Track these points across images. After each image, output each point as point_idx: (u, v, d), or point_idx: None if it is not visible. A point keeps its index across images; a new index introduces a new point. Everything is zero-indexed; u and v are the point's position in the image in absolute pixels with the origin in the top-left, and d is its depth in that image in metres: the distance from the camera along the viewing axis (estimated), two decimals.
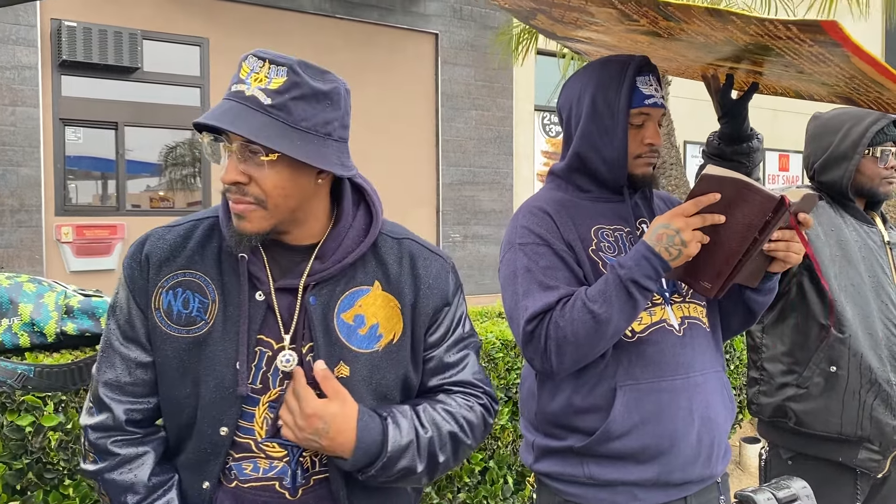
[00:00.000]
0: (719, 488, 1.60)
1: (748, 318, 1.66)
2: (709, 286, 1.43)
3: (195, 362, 1.20)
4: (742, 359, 4.07)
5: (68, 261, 6.64)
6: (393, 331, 1.27)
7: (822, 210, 2.06)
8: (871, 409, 1.93)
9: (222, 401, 1.20)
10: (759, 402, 2.10)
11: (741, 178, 1.36)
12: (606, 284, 1.40)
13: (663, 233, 1.38)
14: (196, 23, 7.23)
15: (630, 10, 1.33)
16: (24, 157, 6.39)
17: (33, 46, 6.42)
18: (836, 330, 1.94)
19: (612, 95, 1.53)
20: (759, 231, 1.34)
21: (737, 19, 1.22)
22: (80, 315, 2.12)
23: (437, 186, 8.74)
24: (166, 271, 1.23)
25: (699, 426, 1.50)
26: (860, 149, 2.04)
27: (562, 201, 1.59)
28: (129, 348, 1.24)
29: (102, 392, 1.23)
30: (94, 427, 1.23)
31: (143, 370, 1.24)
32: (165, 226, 1.28)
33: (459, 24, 8.81)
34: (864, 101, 1.61)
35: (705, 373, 1.54)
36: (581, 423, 1.51)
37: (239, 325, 1.20)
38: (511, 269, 1.53)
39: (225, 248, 1.23)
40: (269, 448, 1.22)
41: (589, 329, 1.39)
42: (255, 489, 1.23)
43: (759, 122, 1.72)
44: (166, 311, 1.22)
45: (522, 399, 1.69)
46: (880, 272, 2.02)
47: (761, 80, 1.70)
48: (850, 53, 1.23)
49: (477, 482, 2.94)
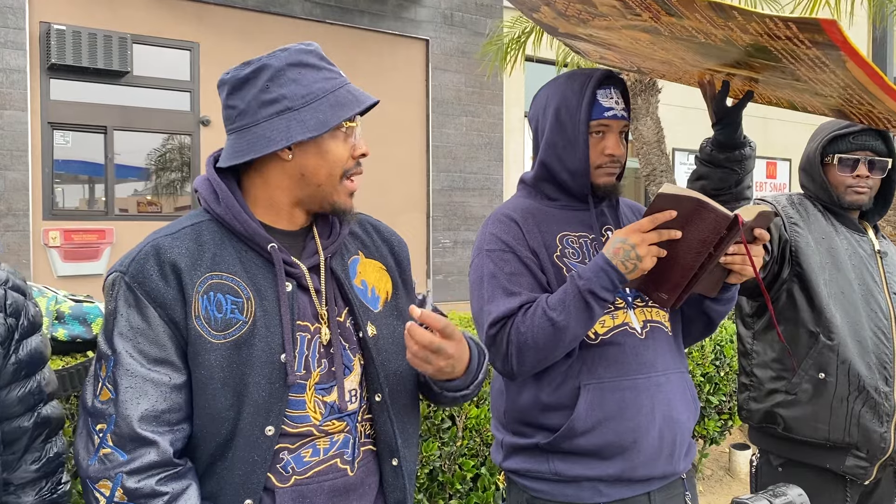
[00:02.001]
0: (684, 484, 1.66)
1: (708, 326, 1.75)
2: (665, 297, 1.53)
3: (239, 366, 1.16)
4: (732, 365, 4.10)
5: (56, 265, 6.59)
6: (385, 290, 1.38)
7: (814, 218, 2.08)
8: (859, 416, 1.94)
9: (270, 397, 1.17)
10: (749, 407, 2.12)
11: (697, 197, 1.42)
12: (565, 294, 1.47)
13: (620, 247, 1.46)
14: (186, 27, 7.21)
15: (633, 3, 1.34)
16: (11, 160, 6.35)
17: (22, 50, 6.38)
18: (824, 337, 1.95)
19: (574, 107, 1.61)
20: (713, 247, 1.42)
21: (738, 15, 1.23)
22: (71, 321, 2.10)
23: (427, 192, 8.74)
24: (197, 276, 1.18)
25: (661, 424, 1.56)
26: (816, 157, 2.08)
27: (529, 209, 1.66)
28: (159, 372, 1.14)
29: (141, 428, 1.11)
30: (132, 471, 1.09)
31: (178, 393, 1.15)
32: (165, 235, 1.22)
33: (450, 30, 8.84)
34: (855, 115, 1.62)
35: (668, 373, 1.61)
36: (547, 421, 1.57)
37: (280, 316, 1.20)
38: (478, 275, 1.61)
39: (239, 246, 1.23)
40: (329, 426, 1.24)
41: (548, 335, 1.46)
42: (317, 475, 1.23)
43: (749, 130, 1.74)
44: (206, 317, 1.16)
45: (493, 398, 1.74)
46: (870, 280, 2.03)
47: (757, 89, 1.71)
48: (846, 57, 1.24)
49: (469, 489, 2.94)
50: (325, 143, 1.22)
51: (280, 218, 1.28)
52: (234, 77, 1.22)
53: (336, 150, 1.24)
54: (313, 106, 1.20)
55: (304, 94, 1.20)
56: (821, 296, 1.97)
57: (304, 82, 1.20)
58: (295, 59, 1.22)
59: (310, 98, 1.20)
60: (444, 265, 8.79)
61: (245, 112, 1.21)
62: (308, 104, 1.20)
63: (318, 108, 1.20)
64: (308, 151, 1.22)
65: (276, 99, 1.19)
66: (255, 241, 1.22)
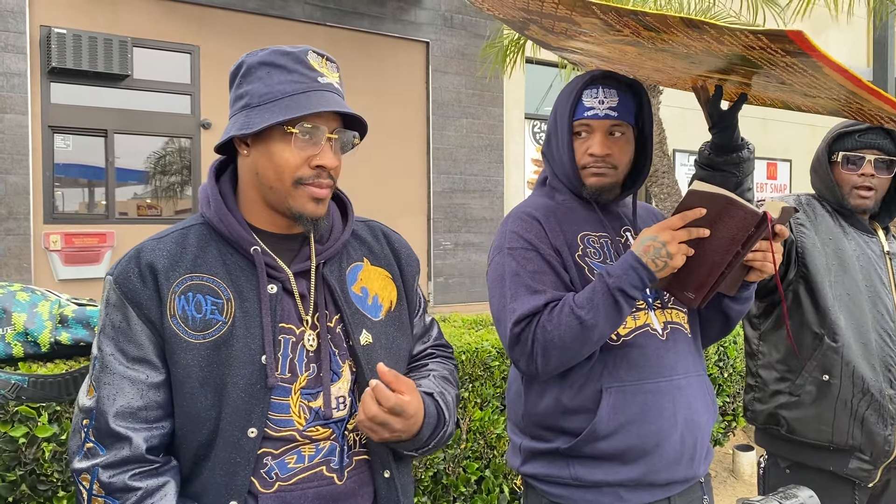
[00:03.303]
0: (703, 488, 1.66)
1: (725, 326, 1.73)
2: (692, 296, 1.51)
3: (218, 366, 1.18)
4: (735, 367, 4.09)
5: (57, 269, 6.58)
6: (389, 299, 1.38)
7: (821, 219, 2.07)
8: (863, 418, 1.93)
9: (251, 399, 1.18)
10: (754, 408, 2.11)
11: (726, 194, 1.42)
12: (594, 292, 1.45)
13: (650, 245, 1.44)
14: (187, 30, 7.21)
15: (612, 21, 1.35)
16: (12, 164, 6.34)
17: (22, 53, 6.38)
18: (829, 339, 1.94)
19: (563, 110, 1.63)
20: (741, 244, 1.42)
21: (710, 29, 1.24)
22: (74, 324, 2.09)
23: (427, 194, 8.73)
24: (174, 277, 1.20)
25: (682, 427, 1.55)
26: (824, 156, 2.07)
27: (550, 207, 1.65)
28: (136, 370, 1.17)
29: (115, 423, 1.14)
30: (106, 465, 1.13)
31: (156, 391, 1.18)
32: (152, 238, 1.26)
33: (450, 32, 8.83)
34: (848, 113, 1.63)
35: (688, 376, 1.60)
36: (567, 425, 1.55)
37: (260, 317, 1.20)
38: (499, 273, 1.58)
39: (224, 249, 1.24)
40: (313, 432, 1.23)
41: (575, 333, 1.44)
42: (301, 482, 1.22)
43: (749, 131, 1.74)
44: (182, 317, 1.18)
45: (510, 401, 1.72)
46: (878, 282, 2.02)
47: (750, 92, 1.71)
48: (820, 64, 1.25)
49: (473, 491, 2.93)
50: (272, 146, 1.21)
51: (266, 220, 1.28)
52: (230, 74, 1.29)
53: (282, 154, 1.21)
54: (267, 106, 1.20)
55: (263, 94, 1.21)
56: (826, 297, 1.96)
57: (269, 82, 1.21)
58: (267, 59, 1.23)
59: (268, 98, 1.20)
60: (445, 267, 8.77)
61: (230, 105, 1.27)
62: (264, 104, 1.20)
63: (270, 108, 1.19)
64: (259, 151, 1.23)
65: (241, 95, 1.24)
66: (238, 243, 1.23)
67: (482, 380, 2.99)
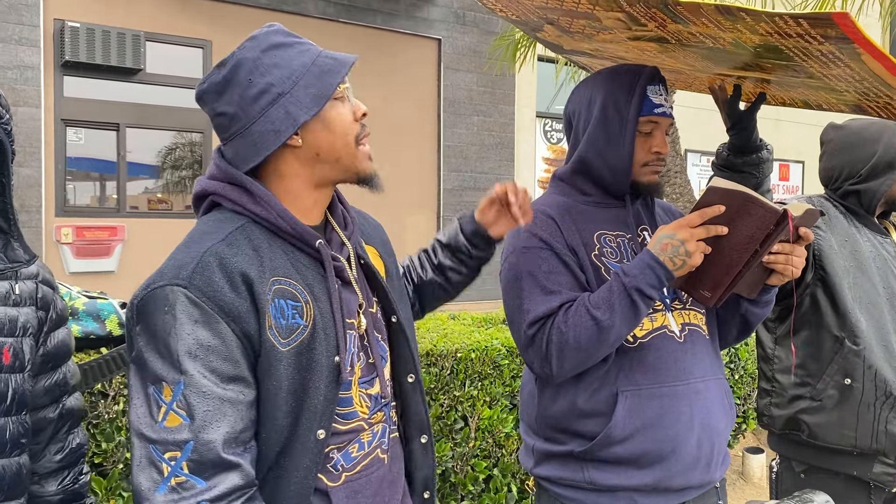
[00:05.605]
0: (718, 493, 1.62)
1: (744, 329, 1.69)
2: (708, 295, 1.47)
3: (299, 372, 1.12)
4: (747, 369, 4.06)
5: (68, 262, 6.61)
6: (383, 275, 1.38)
7: (836, 221, 2.04)
8: (887, 422, 1.91)
9: (325, 401, 1.13)
10: (771, 413, 2.08)
11: (746, 192, 1.39)
12: (610, 292, 1.42)
13: (668, 243, 1.40)
14: (199, 25, 7.22)
15: (638, 13, 1.33)
16: (24, 157, 6.37)
17: (36, 47, 6.41)
18: (850, 342, 1.92)
19: (623, 103, 1.55)
20: (760, 243, 1.38)
21: (746, 16, 1.21)
22: (84, 317, 2.09)
23: (438, 192, 8.73)
24: (265, 283, 1.10)
25: (699, 432, 1.51)
26: None
27: (565, 205, 1.61)
28: (234, 390, 1.06)
29: (226, 452, 1.03)
30: (215, 499, 1.01)
31: (251, 410, 1.08)
32: (220, 243, 1.11)
33: (462, 29, 8.82)
34: (873, 109, 1.60)
35: (706, 379, 1.56)
36: (582, 428, 1.52)
37: (333, 316, 1.17)
38: (514, 273, 1.55)
39: (286, 248, 1.17)
40: (373, 419, 1.25)
41: (591, 335, 1.41)
42: (364, 469, 1.22)
43: (761, 132, 1.72)
44: (276, 326, 1.10)
45: (523, 402, 1.70)
46: (894, 283, 2.00)
47: (769, 90, 1.69)
48: (860, 50, 1.22)
49: (481, 490, 2.92)
50: (328, 115, 1.18)
51: (303, 212, 1.22)
52: (213, 82, 1.17)
53: (340, 118, 1.19)
54: (301, 83, 1.15)
55: (288, 75, 1.15)
56: (845, 300, 1.94)
57: (284, 63, 1.16)
58: (266, 44, 1.17)
59: (295, 77, 1.15)
60: None
61: (237, 115, 1.15)
62: (296, 83, 1.15)
63: (307, 83, 1.15)
64: (315, 130, 1.17)
65: (264, 89, 1.14)
66: (303, 239, 1.17)
67: (491, 378, 2.98)
